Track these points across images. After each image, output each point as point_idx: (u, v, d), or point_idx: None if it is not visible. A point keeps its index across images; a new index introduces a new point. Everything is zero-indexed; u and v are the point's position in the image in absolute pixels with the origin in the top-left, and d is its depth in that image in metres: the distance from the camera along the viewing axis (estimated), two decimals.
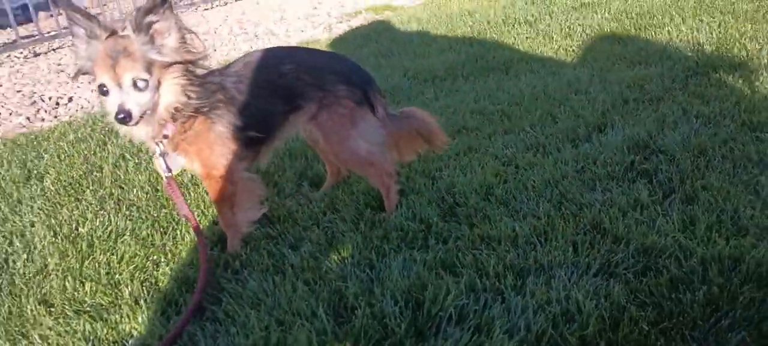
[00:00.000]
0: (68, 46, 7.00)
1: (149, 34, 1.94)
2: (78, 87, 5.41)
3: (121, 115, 1.89)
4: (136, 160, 3.29)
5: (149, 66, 1.93)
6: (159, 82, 1.98)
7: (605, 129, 2.82)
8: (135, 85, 1.92)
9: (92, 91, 5.26)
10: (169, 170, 2.14)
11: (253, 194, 2.34)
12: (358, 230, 2.30)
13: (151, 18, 1.93)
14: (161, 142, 2.09)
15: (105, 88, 1.93)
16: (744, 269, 1.75)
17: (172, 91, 2.01)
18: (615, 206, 2.17)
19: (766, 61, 3.32)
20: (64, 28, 7.29)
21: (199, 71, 2.11)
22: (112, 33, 1.94)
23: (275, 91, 2.26)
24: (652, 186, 2.28)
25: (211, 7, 8.87)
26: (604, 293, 1.76)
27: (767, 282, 1.69)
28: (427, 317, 1.77)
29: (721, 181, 2.23)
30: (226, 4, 9.05)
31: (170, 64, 1.99)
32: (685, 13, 4.67)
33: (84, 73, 2.02)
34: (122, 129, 2.07)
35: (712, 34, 4.01)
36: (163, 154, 2.12)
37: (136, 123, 1.95)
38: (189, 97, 2.05)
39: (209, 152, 2.15)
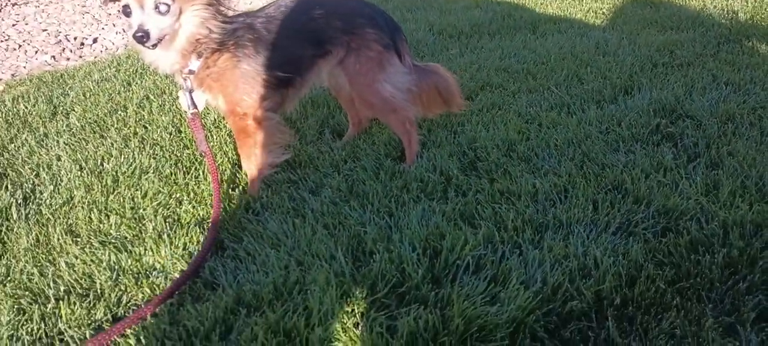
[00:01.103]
0: None
1: None
2: (103, 28, 5.43)
3: (139, 34, 1.94)
4: (160, 102, 3.31)
5: None
6: (181, 11, 2.03)
7: (632, 92, 2.78)
8: (157, 8, 1.98)
9: (117, 33, 5.28)
10: (195, 106, 2.17)
11: (276, 137, 2.36)
12: (378, 179, 2.31)
13: None
14: (188, 77, 2.13)
15: (128, 9, 1.99)
16: (766, 234, 1.74)
17: (192, 21, 2.06)
18: (637, 167, 2.15)
19: None
20: None
21: (223, 9, 2.14)
22: None
23: (305, 35, 2.27)
24: (676, 150, 2.26)
25: None
26: (623, 250, 1.76)
27: None
28: (444, 264, 1.79)
29: (748, 148, 2.20)
30: None
31: None
32: None
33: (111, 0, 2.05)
34: (147, 55, 2.12)
35: (746, 2, 3.91)
36: (189, 91, 2.15)
37: (154, 45, 1.99)
38: (210, 30, 2.09)
39: (233, 89, 2.18)
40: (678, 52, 3.15)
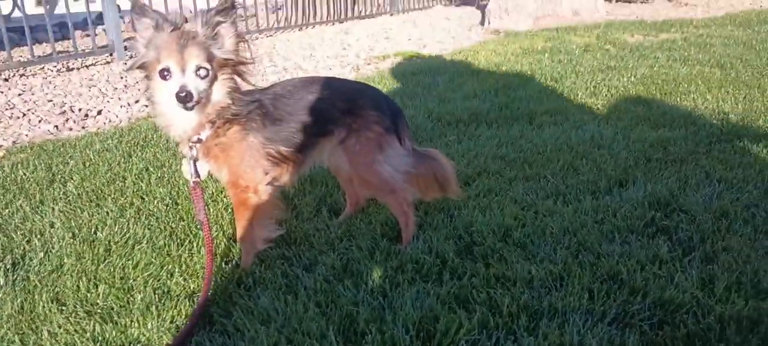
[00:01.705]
0: (102, 63, 7.17)
1: (215, 31, 2.09)
2: (108, 101, 5.52)
3: (183, 94, 1.97)
4: (159, 174, 3.33)
5: (211, 59, 2.06)
6: (214, 78, 2.09)
7: (626, 184, 2.81)
8: (197, 71, 2.03)
9: (121, 106, 5.36)
10: (198, 175, 2.19)
11: (274, 213, 2.37)
12: (373, 258, 2.30)
13: (218, 18, 2.08)
14: (194, 146, 2.15)
15: (168, 72, 2.02)
16: (762, 330, 1.72)
17: (222, 89, 2.12)
18: (633, 258, 2.15)
19: None
20: (100, 47, 7.51)
21: (243, 84, 2.20)
22: (178, 27, 2.07)
23: (309, 114, 2.32)
24: (671, 243, 2.27)
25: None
26: (619, 342, 1.74)
27: None
28: None
29: (742, 244, 2.21)
30: (256, 38, 9.24)
31: (225, 63, 2.12)
32: (710, 83, 4.70)
33: (140, 67, 2.11)
34: (166, 117, 2.14)
35: (737, 105, 4.02)
36: (194, 159, 2.17)
37: (192, 108, 2.03)
38: (233, 101, 2.14)
39: (239, 160, 2.20)
40: (671, 149, 3.20)
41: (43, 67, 6.85)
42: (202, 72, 2.03)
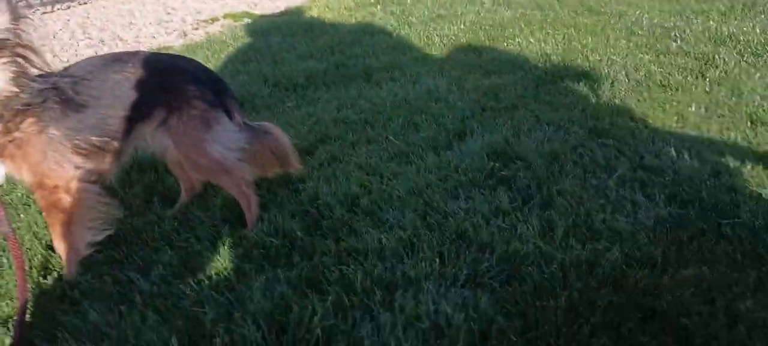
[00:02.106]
0: None
1: None
2: None
3: None
4: None
5: None
6: None
7: (465, 137, 2.86)
8: None
9: None
10: None
11: (95, 211, 2.08)
12: (215, 249, 2.12)
13: None
14: None
15: None
16: (600, 272, 1.81)
17: (1, 76, 1.77)
18: (478, 213, 2.18)
19: (606, 71, 3.57)
20: None
21: (32, 69, 1.86)
22: None
23: (118, 95, 2.05)
24: (511, 193, 2.33)
25: (52, 11, 8.06)
26: (473, 304, 1.74)
27: (622, 285, 1.76)
28: (292, 341, 1.65)
29: (574, 185, 2.32)
30: (68, 7, 8.26)
31: (1, 46, 1.76)
32: (532, 25, 4.94)
33: None
34: None
35: (557, 46, 4.26)
36: None
37: None
38: (20, 88, 1.80)
39: (40, 157, 1.89)
40: (502, 96, 3.31)
41: None
42: None
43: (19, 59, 1.82)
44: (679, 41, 4.05)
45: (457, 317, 1.66)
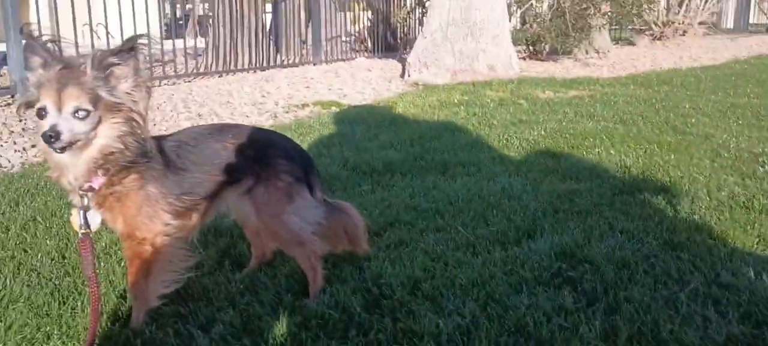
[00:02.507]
0: (2, 104, 6.74)
1: (106, 73, 1.92)
2: (1, 145, 5.15)
3: (50, 134, 1.79)
4: (48, 224, 3.08)
5: (96, 101, 1.89)
6: (100, 121, 1.92)
7: (535, 235, 2.84)
8: (75, 113, 1.86)
9: (15, 151, 5.02)
10: (88, 226, 2.01)
11: (173, 265, 2.20)
12: (275, 314, 2.18)
13: (113, 60, 1.93)
14: (86, 194, 1.98)
15: (44, 112, 1.85)
16: None
17: (110, 133, 1.94)
18: (540, 309, 2.14)
19: (687, 187, 3.48)
20: (2, 88, 7.06)
21: (142, 129, 2.05)
22: (67, 65, 1.91)
23: (215, 163, 2.21)
24: (576, 294, 2.27)
25: (158, 85, 8.79)
26: None
27: None
28: None
29: (643, 295, 2.24)
30: (173, 83, 8.98)
31: (116, 107, 1.94)
32: (614, 138, 4.91)
33: (28, 106, 1.94)
34: (54, 160, 1.96)
35: (638, 159, 4.20)
36: (84, 209, 2.00)
37: (63, 149, 1.85)
38: (126, 146, 1.97)
39: (136, 211, 2.04)
40: (577, 200, 3.28)
41: None
42: (81, 113, 1.86)
43: (131, 122, 2.01)
44: (766, 166, 3.90)
45: None
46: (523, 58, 12.29)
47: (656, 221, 2.93)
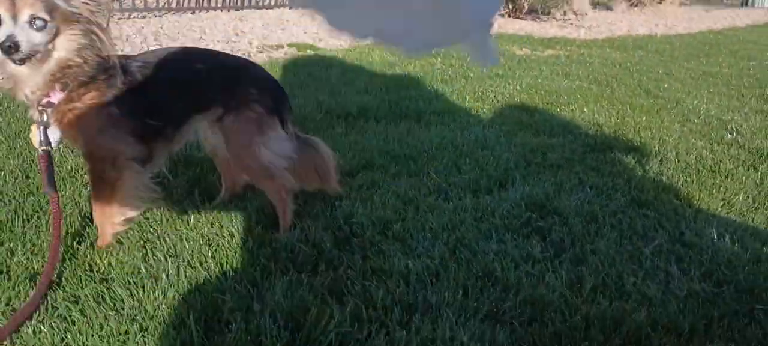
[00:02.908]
0: None
1: None
2: None
3: (8, 44, 1.75)
4: (11, 145, 2.99)
5: (52, 10, 1.83)
6: (58, 32, 1.86)
7: (506, 185, 2.86)
8: (31, 23, 1.80)
9: None
10: (48, 143, 1.95)
11: (139, 191, 2.16)
12: (245, 246, 2.16)
13: None
14: (45, 110, 1.91)
15: None
16: (624, 330, 1.77)
17: (68, 45, 1.89)
18: (508, 256, 2.16)
19: (656, 149, 3.53)
20: None
21: (104, 44, 1.98)
22: None
23: (183, 86, 2.16)
24: (544, 244, 2.31)
25: (128, 18, 8.50)
26: (490, 338, 1.72)
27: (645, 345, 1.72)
28: (306, 339, 1.66)
29: (608, 248, 2.28)
30: (144, 17, 8.70)
31: (74, 18, 1.88)
32: (588, 97, 4.94)
33: None
34: (8, 72, 1.89)
35: (610, 119, 4.24)
36: (44, 125, 1.93)
37: (22, 61, 1.80)
38: (85, 60, 1.91)
39: (97, 130, 1.99)
40: (549, 155, 3.31)
41: None
42: (38, 23, 1.80)
43: (90, 35, 1.94)
44: (734, 133, 3.98)
45: None
46: (502, 15, 12.22)
47: (625, 179, 2.98)
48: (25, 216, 2.25)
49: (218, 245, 2.17)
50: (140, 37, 7.26)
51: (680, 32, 11.72)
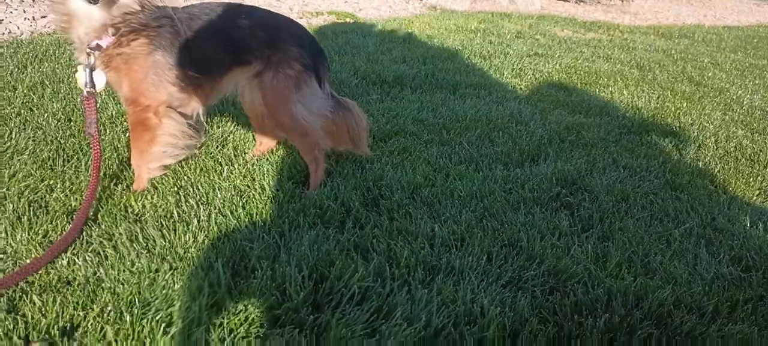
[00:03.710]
0: None
1: None
2: (11, 12, 5.08)
3: None
4: (55, 89, 3.07)
5: None
6: None
7: (538, 160, 2.84)
8: None
9: (25, 19, 4.95)
10: (93, 85, 2.01)
11: (176, 138, 2.22)
12: (275, 199, 2.20)
13: None
14: (93, 52, 1.97)
15: None
16: (646, 306, 1.76)
17: None
18: (535, 228, 2.16)
19: (695, 134, 3.46)
20: None
21: None
22: None
23: (225, 40, 2.18)
24: (572, 218, 2.29)
25: None
26: (510, 303, 1.73)
27: (666, 323, 1.71)
28: (328, 290, 1.69)
29: (637, 227, 2.26)
30: None
31: None
32: (628, 81, 4.85)
33: None
34: (70, 6, 1.95)
35: (649, 102, 4.16)
36: (90, 67, 1.99)
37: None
38: (143, 7, 1.98)
39: (142, 76, 2.04)
40: (584, 133, 3.27)
41: None
42: None
43: None
44: None
45: (492, 310, 1.66)
46: None
47: (660, 162, 2.93)
48: (65, 156, 2.32)
49: (249, 196, 2.21)
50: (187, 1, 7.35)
51: (729, 24, 11.36)
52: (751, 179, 2.87)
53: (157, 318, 1.50)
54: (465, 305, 1.70)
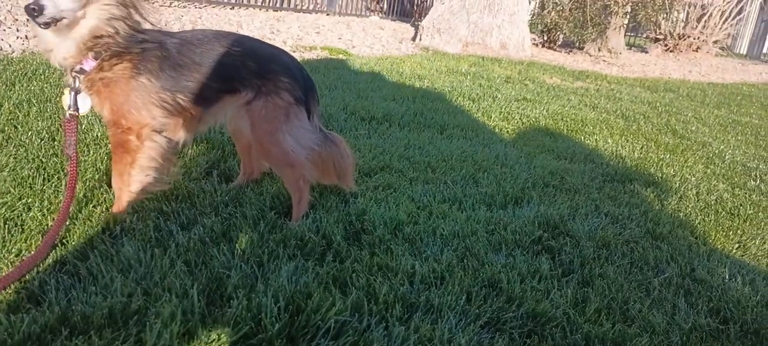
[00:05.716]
0: None
1: None
2: (4, 30, 5.08)
3: (33, 7, 1.78)
4: (41, 107, 3.06)
5: None
6: (89, 0, 1.90)
7: (522, 203, 2.85)
8: None
9: (17, 37, 4.96)
10: (76, 108, 2.00)
11: (159, 163, 2.20)
12: (256, 228, 2.19)
13: None
14: (77, 76, 1.96)
15: None
16: None
17: (99, 14, 1.93)
18: (515, 270, 2.16)
19: (677, 186, 3.50)
20: None
21: (138, 17, 2.03)
22: None
23: (216, 67, 2.18)
24: (553, 262, 2.29)
25: (169, 6, 8.66)
26: (488, 344, 1.72)
27: None
28: (304, 323, 1.67)
29: (617, 274, 2.27)
30: (184, 7, 8.86)
31: None
32: (613, 130, 4.91)
33: None
34: (42, 39, 1.95)
35: (633, 152, 4.21)
36: (75, 90, 1.98)
37: (47, 24, 1.84)
38: (116, 31, 1.95)
39: (124, 99, 2.03)
40: (568, 179, 3.29)
41: None
42: None
43: (124, 7, 1.99)
44: (758, 181, 3.92)
45: None
46: (536, 45, 12.22)
47: (642, 211, 2.95)
48: (46, 175, 2.30)
49: (230, 224, 2.19)
50: (179, 25, 7.39)
51: (714, 80, 11.59)
52: (731, 232, 2.89)
53: (126, 343, 1.47)
54: (442, 344, 1.68)
